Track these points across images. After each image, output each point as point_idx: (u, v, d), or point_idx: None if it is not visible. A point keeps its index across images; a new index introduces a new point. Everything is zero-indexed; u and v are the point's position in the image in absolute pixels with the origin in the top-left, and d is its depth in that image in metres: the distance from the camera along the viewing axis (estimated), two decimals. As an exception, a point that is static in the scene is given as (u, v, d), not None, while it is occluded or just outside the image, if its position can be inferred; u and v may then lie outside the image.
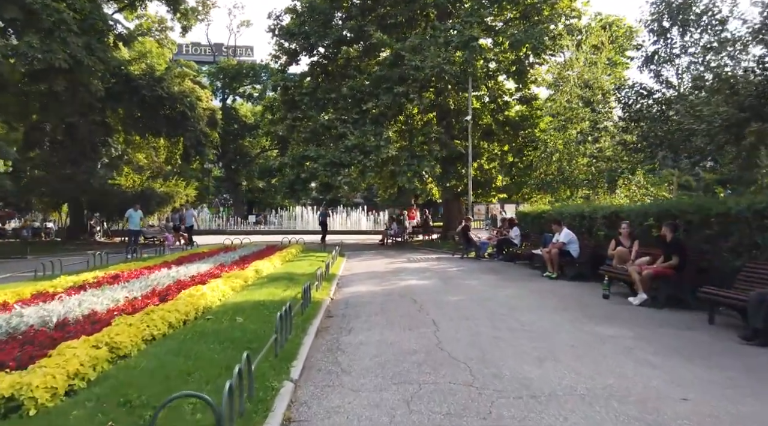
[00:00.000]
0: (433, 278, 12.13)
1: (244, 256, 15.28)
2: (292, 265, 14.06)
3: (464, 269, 14.13)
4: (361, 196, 63.49)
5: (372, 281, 11.74)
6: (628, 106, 12.59)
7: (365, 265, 15.51)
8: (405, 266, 14.96)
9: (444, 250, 20.45)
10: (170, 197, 25.04)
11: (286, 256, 15.51)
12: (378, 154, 19.48)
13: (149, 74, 22.45)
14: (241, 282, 9.85)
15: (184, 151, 24.29)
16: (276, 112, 24.16)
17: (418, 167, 19.88)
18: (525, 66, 22.03)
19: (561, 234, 12.52)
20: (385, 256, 18.27)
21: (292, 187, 21.24)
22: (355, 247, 22.74)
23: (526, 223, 17.27)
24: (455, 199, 24.95)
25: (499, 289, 10.42)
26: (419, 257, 17.79)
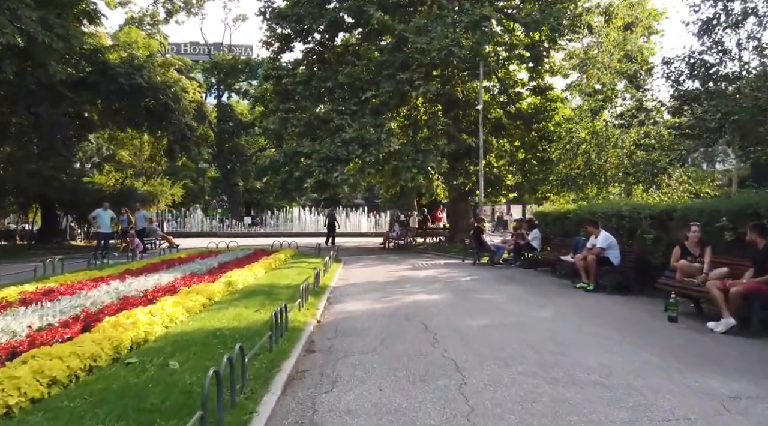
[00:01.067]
0: (444, 291, 9.91)
1: (224, 262, 13.10)
2: (277, 274, 11.86)
3: (479, 279, 11.91)
4: (362, 197, 61.31)
5: (371, 295, 9.52)
6: (678, 82, 10.40)
7: (364, 273, 13.31)
8: (410, 275, 12.75)
9: (452, 255, 18.23)
10: (153, 197, 22.89)
11: (272, 263, 13.32)
12: (379, 148, 17.30)
13: (129, 62, 20.30)
14: (203, 300, 7.65)
15: (167, 147, 22.15)
16: (268, 103, 21.99)
17: (423, 163, 17.67)
18: (540, 51, 19.79)
19: (599, 237, 10.32)
20: (386, 262, 16.06)
21: (285, 186, 19.08)
22: (354, 252, 20.54)
23: (546, 224, 15.07)
24: (462, 198, 22.75)
25: (532, 307, 8.20)
26: (425, 263, 15.58)
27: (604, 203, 12.17)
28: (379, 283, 11.17)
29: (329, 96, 19.45)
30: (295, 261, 14.87)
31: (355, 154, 17.34)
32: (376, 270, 13.88)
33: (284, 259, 14.80)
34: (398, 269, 13.98)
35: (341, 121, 18.07)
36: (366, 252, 20.44)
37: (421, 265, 15.18)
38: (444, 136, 18.56)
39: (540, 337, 6.04)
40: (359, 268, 14.64)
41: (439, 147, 18.29)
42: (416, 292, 9.88)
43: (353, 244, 24.75)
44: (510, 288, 10.36)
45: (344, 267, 14.68)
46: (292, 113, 20.21)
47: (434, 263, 15.58)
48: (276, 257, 14.33)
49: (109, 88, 19.51)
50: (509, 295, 9.41)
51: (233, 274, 10.32)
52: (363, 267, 14.85)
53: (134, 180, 23.36)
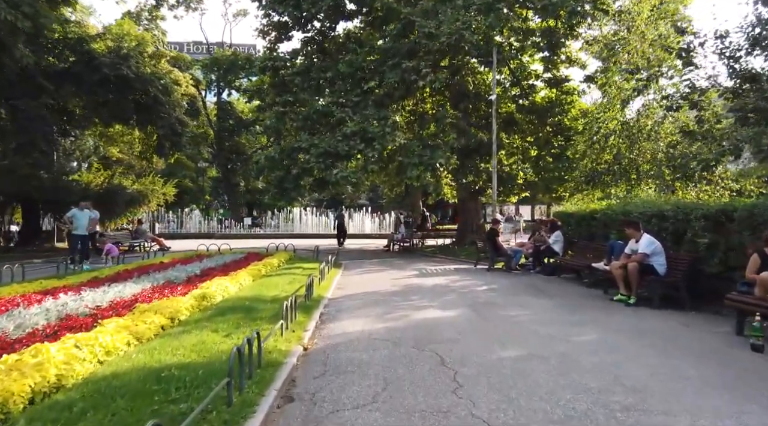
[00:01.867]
0: (460, 305, 8.31)
1: (208, 269, 11.57)
2: (265, 282, 10.28)
3: (497, 288, 10.30)
4: (366, 197, 59.75)
5: (373, 311, 7.94)
6: (734, 59, 8.78)
7: (365, 280, 11.72)
8: (417, 283, 11.15)
9: (462, 259, 16.63)
10: (144, 196, 21.36)
11: (263, 269, 11.75)
12: (382, 142, 15.72)
13: (115, 53, 18.80)
14: (163, 321, 6.10)
15: (157, 142, 20.64)
16: (265, 97, 20.43)
17: (431, 159, 16.06)
18: (557, 38, 18.14)
19: (641, 241, 8.71)
20: (391, 267, 14.47)
21: (282, 185, 17.50)
22: (356, 255, 18.96)
23: (569, 225, 13.46)
24: (472, 198, 21.13)
25: (571, 328, 6.59)
26: (433, 269, 13.98)
27: (640, 202, 10.52)
28: (382, 294, 9.58)
29: (329, 87, 17.89)
30: (290, 266, 13.31)
31: (357, 150, 15.78)
32: (380, 277, 12.30)
33: (277, 264, 13.23)
34: (404, 276, 12.39)
35: (342, 114, 16.50)
36: (369, 255, 18.86)
37: (429, 270, 13.58)
38: (453, 130, 16.94)
39: (602, 380, 4.43)
40: (360, 274, 13.06)
41: (448, 142, 16.68)
42: (426, 306, 8.29)
43: (356, 246, 23.18)
44: (537, 301, 8.75)
45: (344, 273, 13.10)
46: (289, 107, 18.65)
47: (443, 269, 13.97)
48: (268, 262, 12.76)
49: (92, 79, 18.02)
50: (539, 311, 7.80)
51: (213, 283, 8.77)
52: (364, 273, 13.27)
53: (123, 178, 21.83)
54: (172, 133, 20.03)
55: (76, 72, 18.19)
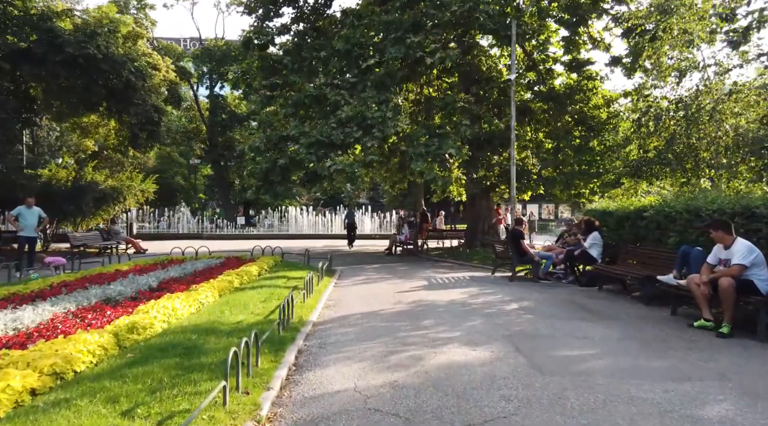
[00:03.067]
0: (493, 337, 5.97)
1: (168, 280, 9.27)
2: (233, 300, 7.92)
3: (532, 307, 7.96)
4: (366, 196, 57.35)
5: (371, 348, 5.59)
6: None
7: (363, 294, 9.37)
8: (428, 298, 8.79)
9: (475, 264, 14.29)
10: (118, 194, 18.99)
11: (236, 280, 9.41)
12: (383, 129, 13.37)
13: (82, 30, 16.43)
14: (27, 385, 3.76)
15: (130, 132, 18.28)
16: (251, 81, 18.07)
17: (439, 149, 13.71)
18: (582, 13, 15.77)
19: (736, 249, 6.37)
20: (394, 275, 12.12)
21: (267, 178, 15.13)
22: (353, 258, 16.62)
23: (606, 226, 11.12)
24: (483, 195, 18.77)
25: (675, 384, 4.25)
26: (444, 277, 11.64)
27: (712, 196, 8.19)
28: (384, 317, 7.24)
29: (323, 68, 15.51)
30: (272, 275, 10.95)
31: (354, 138, 13.42)
32: (381, 289, 9.94)
33: (257, 272, 10.89)
34: (411, 288, 10.04)
35: (336, 97, 14.14)
36: (368, 259, 16.51)
37: (439, 280, 11.23)
38: (465, 116, 14.57)
39: None
40: (357, 284, 10.71)
41: (460, 129, 14.31)
42: (446, 338, 5.94)
43: (354, 249, 20.84)
44: (594, 329, 6.41)
45: (337, 283, 10.76)
46: (278, 91, 16.30)
47: (456, 278, 11.62)
48: (246, 270, 10.42)
49: (54, 60, 15.66)
50: (607, 350, 5.46)
51: (157, 305, 6.44)
52: (362, 283, 10.92)
53: (97, 173, 19.46)
54: (148, 122, 17.63)
55: (37, 51, 15.83)
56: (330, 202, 51.04)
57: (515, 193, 14.52)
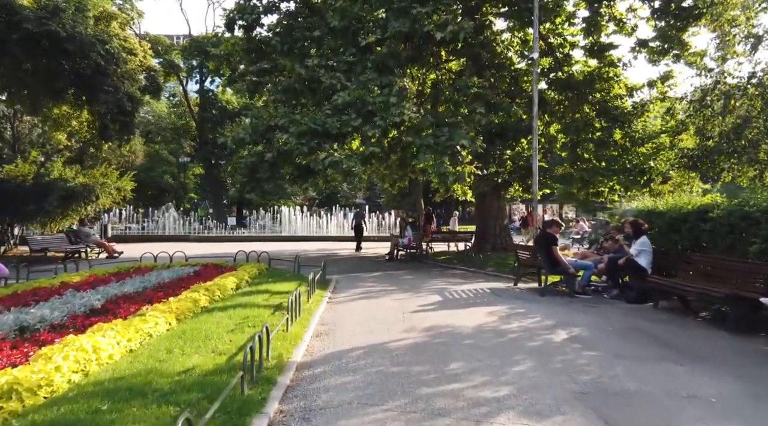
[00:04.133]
0: (560, 400, 4.01)
1: (121, 296, 7.34)
2: (193, 330, 5.92)
3: (587, 336, 6.02)
4: (363, 195, 55.34)
5: (381, 419, 3.60)
6: None
7: (363, 315, 7.38)
8: (446, 322, 6.82)
9: (490, 272, 12.34)
10: (89, 191, 16.93)
11: (203, 299, 7.40)
12: (386, 116, 11.41)
13: (44, 7, 14.39)
14: None
15: (100, 123, 16.21)
16: (237, 64, 16.06)
17: (450, 140, 11.76)
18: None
19: None
20: (399, 286, 10.15)
21: (253, 174, 13.15)
22: (350, 264, 14.65)
23: (654, 229, 9.20)
24: (494, 194, 16.84)
25: None
26: (460, 290, 9.67)
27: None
28: (394, 356, 5.26)
29: (316, 48, 13.53)
30: (253, 289, 8.96)
31: (352, 126, 11.46)
32: (385, 307, 7.97)
33: (235, 285, 8.89)
34: (422, 305, 8.08)
35: (332, 80, 12.18)
36: (368, 265, 14.54)
37: (454, 293, 9.27)
38: (480, 103, 12.60)
39: None
40: (356, 299, 8.73)
41: (473, 118, 12.36)
42: (491, 399, 3.98)
43: (350, 252, 18.87)
44: (694, 377, 4.48)
45: (332, 298, 8.79)
46: (265, 77, 14.31)
47: (474, 290, 9.65)
48: (219, 284, 8.43)
49: (12, 38, 13.62)
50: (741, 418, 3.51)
51: (75, 344, 4.46)
52: (362, 297, 8.94)
53: (66, 169, 17.44)
54: (119, 111, 15.56)
55: (-4, 32, 13.80)
56: (326, 202, 49.05)
57: (532, 191, 12.58)
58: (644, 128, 14.35)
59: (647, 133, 14.48)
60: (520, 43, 17.95)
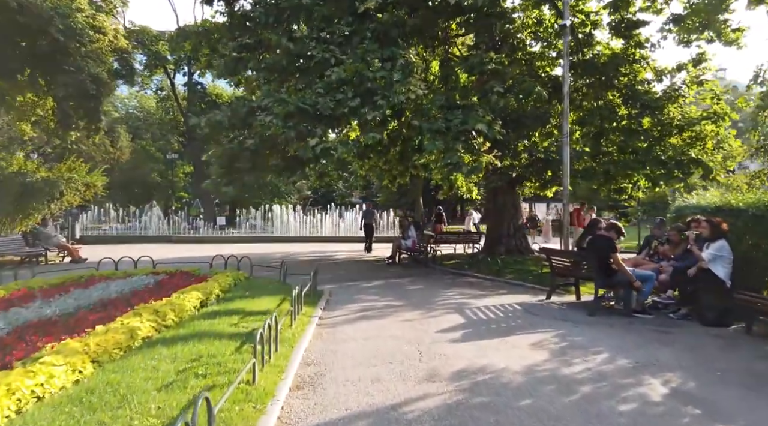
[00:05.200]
0: None
1: (35, 324, 5.33)
2: (110, 383, 3.90)
3: (704, 391, 4.04)
4: (358, 194, 53.20)
5: None
6: None
7: (363, 350, 5.36)
8: (482, 363, 4.82)
9: (510, 280, 10.36)
10: (52, 187, 14.80)
11: (145, 326, 5.36)
12: (388, 95, 9.41)
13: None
14: None
15: (59, 108, 14.10)
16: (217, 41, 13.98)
17: (463, 124, 9.77)
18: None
19: None
20: (406, 300, 8.14)
21: (232, 165, 11.13)
22: (347, 270, 12.65)
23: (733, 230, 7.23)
24: (508, 189, 14.86)
25: None
26: (482, 305, 7.68)
27: None
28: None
29: (306, 19, 11.48)
30: (222, 307, 6.92)
31: (348, 107, 9.44)
32: (392, 335, 5.95)
33: (199, 303, 6.86)
34: (441, 332, 6.07)
35: (324, 53, 10.14)
36: (366, 270, 12.55)
37: (478, 312, 7.27)
38: (497, 80, 10.59)
39: None
40: (354, 321, 6.70)
41: (489, 99, 10.37)
42: None
43: (347, 255, 16.86)
44: None
45: (323, 318, 6.77)
46: (249, 52, 12.26)
47: (501, 307, 7.66)
48: (178, 301, 6.40)
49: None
50: None
51: None
52: (362, 318, 6.92)
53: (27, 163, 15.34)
54: (82, 95, 13.50)
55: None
56: (321, 200, 46.94)
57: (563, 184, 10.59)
58: (684, 114, 12.44)
59: (687, 119, 12.54)
60: (534, 23, 15.98)
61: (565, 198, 9.77)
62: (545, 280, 9.85)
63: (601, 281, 6.98)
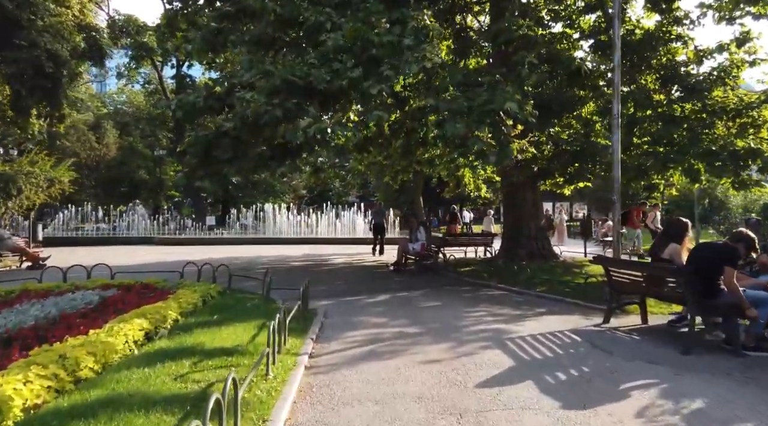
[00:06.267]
0: None
1: None
2: None
3: None
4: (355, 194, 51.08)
5: None
6: None
7: (372, 422, 3.37)
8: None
9: (544, 293, 8.43)
10: (8, 183, 12.81)
11: (35, 387, 3.36)
12: (397, 65, 7.44)
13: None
14: None
15: (11, 89, 12.05)
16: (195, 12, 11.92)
17: (489, 104, 7.80)
18: None
19: None
20: (423, 327, 6.17)
21: (208, 154, 9.14)
22: (344, 280, 10.70)
23: None
24: (528, 184, 12.91)
25: None
26: (527, 335, 5.72)
27: None
28: None
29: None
30: (174, 342, 4.91)
31: (348, 78, 7.46)
32: (415, 391, 3.98)
33: (143, 336, 4.87)
34: (484, 385, 4.10)
35: (319, 16, 8.16)
36: (368, 280, 10.58)
37: (525, 346, 5.31)
38: (528, 50, 8.64)
39: None
40: (355, 364, 4.70)
41: (520, 73, 8.43)
42: None
43: (345, 259, 14.87)
44: None
45: (313, 360, 4.77)
46: (230, 23, 10.27)
47: (552, 337, 5.71)
48: (106, 339, 4.42)
49: None
50: None
51: None
52: (367, 358, 4.93)
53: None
54: (36, 74, 11.46)
55: None
56: (317, 200, 44.85)
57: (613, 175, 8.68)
58: (740, 97, 10.56)
59: (746, 102, 10.64)
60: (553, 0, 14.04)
61: (616, 193, 7.81)
62: (589, 293, 7.94)
63: (698, 305, 5.02)
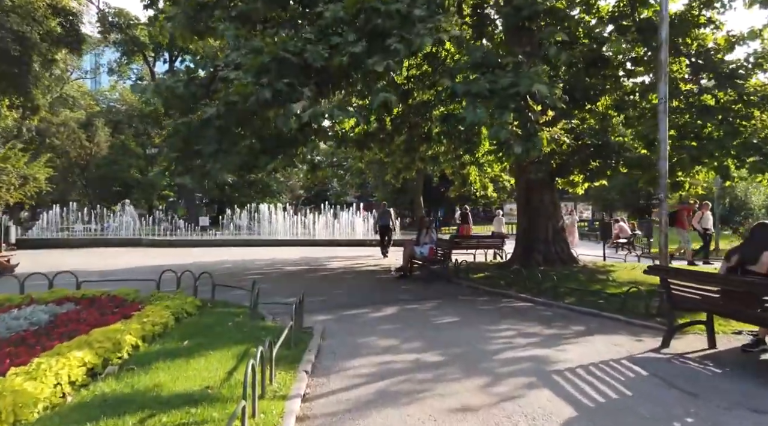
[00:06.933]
0: None
1: None
2: None
3: None
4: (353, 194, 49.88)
5: None
6: None
7: None
8: None
9: (571, 305, 7.24)
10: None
11: None
12: (409, 36, 6.24)
13: None
14: None
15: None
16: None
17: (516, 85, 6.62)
18: None
19: None
20: (443, 352, 4.98)
21: (187, 146, 7.94)
22: (344, 288, 9.52)
23: None
24: (545, 183, 11.72)
25: None
26: (575, 367, 4.54)
27: None
28: None
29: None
30: (126, 382, 3.70)
31: (348, 53, 6.25)
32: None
33: (79, 375, 3.65)
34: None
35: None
36: (371, 290, 9.38)
37: (576, 381, 4.13)
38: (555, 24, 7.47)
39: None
40: (364, 415, 3.52)
41: (549, 50, 7.26)
42: None
43: (343, 263, 13.67)
44: None
45: (305, 409, 3.55)
46: (213, 0, 9.08)
47: (606, 368, 4.53)
48: (46, 372, 3.22)
49: None
50: None
51: None
52: (377, 404, 3.73)
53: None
54: (1, 57, 10.25)
55: None
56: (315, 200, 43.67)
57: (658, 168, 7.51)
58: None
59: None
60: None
61: (662, 189, 6.65)
62: (628, 304, 6.78)
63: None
